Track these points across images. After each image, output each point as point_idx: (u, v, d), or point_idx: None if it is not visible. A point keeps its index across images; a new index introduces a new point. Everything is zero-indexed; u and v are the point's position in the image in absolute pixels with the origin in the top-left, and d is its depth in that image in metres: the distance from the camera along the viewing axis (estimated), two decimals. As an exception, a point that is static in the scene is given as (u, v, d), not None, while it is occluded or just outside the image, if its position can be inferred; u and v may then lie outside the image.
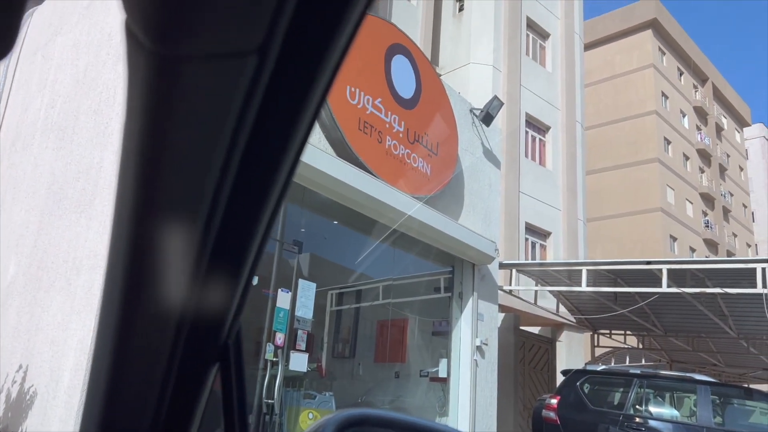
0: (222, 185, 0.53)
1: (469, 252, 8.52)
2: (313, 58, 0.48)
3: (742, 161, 44.77)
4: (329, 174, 6.18)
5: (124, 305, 0.62)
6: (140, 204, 0.55)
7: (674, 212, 31.24)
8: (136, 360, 0.67)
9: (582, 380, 9.28)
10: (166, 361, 0.65)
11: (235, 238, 0.59)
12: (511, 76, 17.28)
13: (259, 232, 0.59)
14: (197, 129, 0.50)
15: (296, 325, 6.48)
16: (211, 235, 0.57)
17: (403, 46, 7.93)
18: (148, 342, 0.65)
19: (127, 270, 0.60)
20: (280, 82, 0.48)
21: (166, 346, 0.64)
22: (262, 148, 0.53)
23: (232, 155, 0.52)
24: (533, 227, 16.87)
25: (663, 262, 10.63)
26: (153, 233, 0.57)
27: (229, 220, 0.57)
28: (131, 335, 0.65)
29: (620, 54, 33.60)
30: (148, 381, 0.67)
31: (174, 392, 0.67)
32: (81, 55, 6.34)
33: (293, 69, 0.48)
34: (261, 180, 0.55)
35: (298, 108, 0.51)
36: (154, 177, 0.53)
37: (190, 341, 0.65)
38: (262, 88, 0.48)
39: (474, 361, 8.54)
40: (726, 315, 12.50)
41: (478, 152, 9.30)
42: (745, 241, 41.08)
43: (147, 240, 0.57)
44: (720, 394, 8.83)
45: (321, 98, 0.51)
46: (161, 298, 0.62)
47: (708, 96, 38.44)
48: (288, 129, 0.52)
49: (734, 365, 17.99)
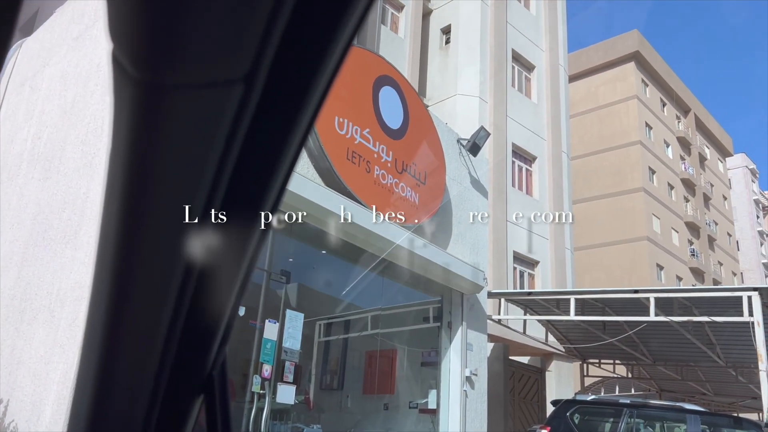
0: (207, 215, 0.53)
1: (457, 281, 8.50)
2: (300, 87, 0.48)
3: (726, 190, 45.36)
4: (317, 203, 6.18)
5: (107, 335, 0.62)
6: (125, 233, 0.55)
7: (660, 241, 31.47)
8: (119, 391, 0.66)
9: (572, 410, 9.21)
10: (149, 392, 0.64)
11: (221, 268, 0.59)
12: (498, 107, 17.51)
13: (245, 262, 0.59)
14: (184, 158, 0.50)
15: (284, 357, 6.40)
16: (196, 264, 0.56)
17: (390, 78, 8.03)
18: (131, 373, 0.64)
19: (111, 299, 0.59)
20: (267, 110, 0.49)
21: (149, 377, 0.64)
22: (248, 176, 0.53)
23: (217, 184, 0.51)
24: (521, 256, 16.91)
25: (650, 291, 10.67)
26: (138, 262, 0.56)
27: (215, 250, 0.56)
28: (114, 365, 0.64)
29: (604, 85, 34.20)
30: (131, 413, 0.66)
31: (158, 424, 0.66)
32: (69, 86, 6.35)
33: (280, 98, 0.48)
34: (247, 209, 0.55)
35: (285, 137, 0.51)
36: (140, 205, 0.53)
37: (174, 372, 0.64)
38: (249, 116, 0.48)
39: (464, 391, 8.46)
40: (714, 343, 12.52)
41: (465, 182, 9.36)
42: (731, 270, 41.36)
43: (132, 269, 0.57)
44: (710, 424, 8.79)
45: (308, 127, 0.51)
46: (145, 328, 0.61)
47: (691, 126, 39.09)
48: (275, 157, 0.52)
49: (723, 394, 17.95)
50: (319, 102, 0.50)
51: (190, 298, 0.59)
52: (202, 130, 0.49)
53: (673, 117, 37.42)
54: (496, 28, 18.34)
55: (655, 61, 35.46)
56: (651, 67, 34.79)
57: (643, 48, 34.22)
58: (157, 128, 0.48)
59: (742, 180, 51.00)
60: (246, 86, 0.46)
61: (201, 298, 0.60)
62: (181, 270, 0.56)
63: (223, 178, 0.51)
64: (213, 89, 0.46)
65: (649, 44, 35.38)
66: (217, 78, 0.45)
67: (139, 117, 0.48)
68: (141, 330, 0.61)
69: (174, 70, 0.45)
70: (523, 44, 19.50)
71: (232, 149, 0.50)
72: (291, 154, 0.52)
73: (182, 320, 0.61)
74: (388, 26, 17.00)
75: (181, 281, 0.57)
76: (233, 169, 0.51)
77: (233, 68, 0.45)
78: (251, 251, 0.59)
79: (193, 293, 0.59)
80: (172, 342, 0.62)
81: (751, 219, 50.81)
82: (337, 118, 6.96)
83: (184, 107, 0.47)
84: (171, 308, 0.59)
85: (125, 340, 0.62)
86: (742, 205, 50.18)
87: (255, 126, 0.49)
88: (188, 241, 0.54)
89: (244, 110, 0.48)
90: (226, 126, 0.48)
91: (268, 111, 0.49)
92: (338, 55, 0.47)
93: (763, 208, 55.08)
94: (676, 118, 37.79)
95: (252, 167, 0.52)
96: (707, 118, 42.04)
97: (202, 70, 0.45)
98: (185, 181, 0.52)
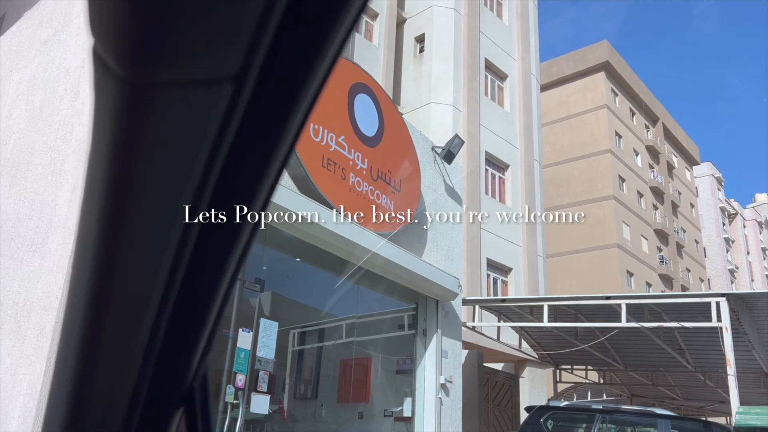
0: (191, 221, 0.51)
1: (432, 288, 8.52)
2: (292, 88, 0.46)
3: (693, 198, 46.38)
4: (293, 210, 6.14)
5: (83, 345, 0.59)
6: (104, 240, 0.52)
7: (630, 248, 32.00)
8: (94, 405, 0.63)
9: (545, 416, 9.28)
10: (126, 405, 0.62)
11: (204, 276, 0.57)
12: (471, 116, 17.66)
13: (228, 270, 0.57)
14: (169, 160, 0.48)
15: (257, 366, 6.32)
16: (178, 273, 0.54)
17: (365, 86, 8.04)
18: (107, 385, 0.62)
19: (88, 308, 0.56)
20: (257, 112, 0.46)
21: (126, 389, 0.61)
22: (235, 181, 0.50)
23: (203, 189, 0.49)
24: (495, 263, 17.03)
25: (622, 297, 10.82)
26: (117, 270, 0.54)
27: (198, 257, 0.54)
28: (89, 377, 0.61)
29: (575, 95, 34.77)
30: (108, 425, 0.63)
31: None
32: (37, 91, 6.22)
33: (271, 99, 0.46)
34: (232, 216, 0.53)
35: (275, 140, 0.49)
36: (120, 211, 0.50)
37: (153, 384, 0.61)
38: (238, 117, 0.46)
39: (438, 399, 8.45)
40: (683, 349, 12.74)
41: (440, 189, 9.40)
42: (698, 276, 42.25)
43: (111, 277, 0.54)
44: (680, 428, 8.94)
45: (298, 129, 0.49)
46: (124, 338, 0.59)
47: (659, 135, 39.93)
48: (263, 163, 0.50)
49: (692, 398, 18.27)
50: (310, 105, 0.48)
51: (171, 307, 0.57)
52: (188, 131, 0.46)
53: (642, 126, 38.19)
54: (470, 37, 18.53)
55: (625, 71, 36.19)
56: (620, 76, 35.49)
57: (612, 58, 34.90)
58: (141, 128, 0.46)
59: (709, 188, 52.27)
60: (236, 86, 0.44)
61: (183, 307, 0.58)
62: (163, 277, 0.54)
63: (209, 183, 0.49)
64: (201, 88, 0.44)
65: (618, 54, 36.09)
66: (205, 76, 0.43)
67: (122, 116, 0.45)
68: (119, 340, 0.59)
69: (160, 68, 0.42)
70: (496, 54, 19.72)
71: (219, 152, 0.48)
72: (280, 159, 0.51)
73: (163, 330, 0.58)
74: (362, 34, 17.05)
75: (163, 289, 0.55)
76: (220, 174, 0.49)
77: (223, 67, 0.43)
78: (236, 259, 0.57)
79: (174, 302, 0.57)
80: (151, 353, 0.60)
81: (718, 226, 52.05)
82: (312, 125, 6.93)
83: (171, 107, 0.45)
84: (152, 317, 0.57)
85: (102, 350, 0.60)
86: (709, 212, 51.40)
87: (244, 128, 0.47)
88: (171, 247, 0.52)
89: (234, 111, 0.45)
90: (214, 127, 0.46)
91: (259, 113, 0.47)
92: (331, 57, 0.45)
93: (728, 215, 56.47)
94: (645, 127, 38.58)
95: (239, 172, 0.50)
96: (675, 128, 43.01)
97: (190, 67, 0.42)
98: (170, 185, 0.49)
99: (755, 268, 58.21)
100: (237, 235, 0.54)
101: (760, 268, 58.63)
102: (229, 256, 0.56)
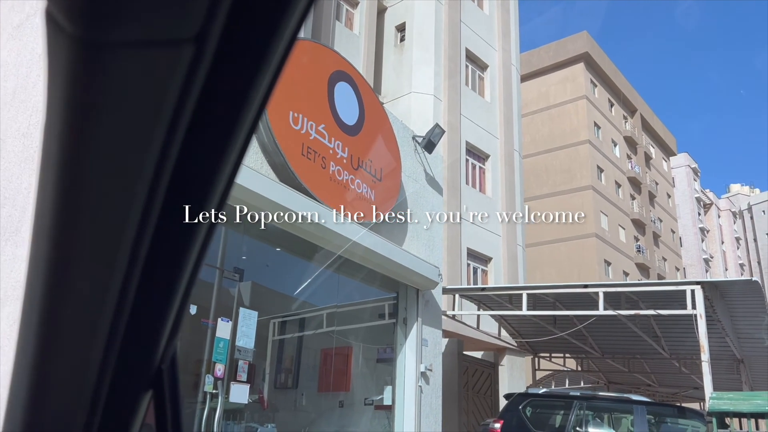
0: (154, 192, 0.48)
1: (413, 277, 8.54)
2: (256, 50, 0.43)
3: (670, 188, 47.01)
4: (271, 199, 6.09)
5: (44, 331, 0.57)
6: (62, 213, 0.49)
7: (608, 238, 32.38)
8: (58, 390, 0.60)
9: (524, 404, 9.39)
10: (92, 387, 0.60)
11: (168, 253, 0.55)
12: (452, 106, 17.66)
13: (194, 247, 0.55)
14: (126, 127, 0.45)
15: (237, 356, 6.29)
16: (141, 250, 0.52)
17: (346, 74, 7.98)
18: (70, 370, 0.59)
19: (47, 292, 0.54)
20: (220, 77, 0.44)
21: (92, 371, 0.59)
22: (198, 152, 0.48)
23: (165, 158, 0.46)
24: (475, 253, 17.12)
25: (599, 286, 10.95)
26: (76, 246, 0.51)
27: (161, 232, 0.52)
28: (52, 363, 0.59)
29: (554, 85, 34.94)
30: (71, 413, 0.61)
31: (102, 422, 0.62)
32: (9, 76, 6.07)
33: (234, 62, 0.44)
34: (197, 187, 0.50)
35: (239, 107, 0.46)
36: (78, 181, 0.47)
37: (119, 366, 0.60)
38: (200, 82, 0.43)
39: (419, 387, 8.50)
40: (659, 336, 12.95)
41: (421, 179, 9.40)
42: (674, 265, 42.93)
43: (69, 253, 0.52)
44: (655, 414, 9.11)
45: (264, 98, 0.47)
46: (85, 323, 0.57)
47: (637, 126, 40.34)
48: (228, 130, 0.47)
49: (667, 385, 18.60)
50: (276, 69, 0.46)
51: (135, 289, 0.55)
52: (147, 96, 0.43)
53: (621, 117, 38.54)
54: (450, 26, 18.49)
55: (604, 62, 36.44)
56: (600, 68, 35.73)
57: (592, 49, 35.10)
58: (96, 92, 0.43)
59: (685, 179, 53.00)
60: (196, 48, 0.41)
61: (147, 290, 0.56)
62: (124, 257, 0.52)
63: (171, 151, 0.47)
64: (158, 49, 0.41)
65: (598, 46, 36.31)
66: (162, 36, 0.40)
67: (76, 79, 0.42)
68: (81, 323, 0.57)
69: (115, 26, 0.40)
70: (477, 43, 19.72)
71: (181, 119, 0.45)
72: (245, 129, 0.48)
73: (126, 314, 0.56)
74: (342, 23, 16.93)
75: (125, 271, 0.53)
76: (182, 142, 0.47)
77: (181, 27, 0.40)
78: (201, 237, 0.55)
79: (137, 285, 0.55)
80: (115, 336, 0.58)
81: (693, 216, 52.87)
82: (292, 113, 6.88)
83: (126, 68, 0.42)
84: (113, 301, 0.55)
85: (63, 336, 0.57)
86: (685, 202, 52.17)
87: (206, 94, 0.44)
88: (132, 221, 0.50)
89: (194, 74, 0.43)
90: (174, 92, 0.43)
91: (221, 77, 0.44)
92: (297, 19, 0.43)
93: (704, 205, 57.38)
94: (623, 118, 38.94)
95: (203, 140, 0.48)
96: (652, 119, 43.48)
97: (147, 26, 0.40)
98: (129, 154, 0.46)
99: (729, 257, 59.32)
100: (203, 208, 0.52)
101: (733, 257, 59.76)
102: (196, 230, 0.54)
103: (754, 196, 67.33)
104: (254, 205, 5.97)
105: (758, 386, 15.30)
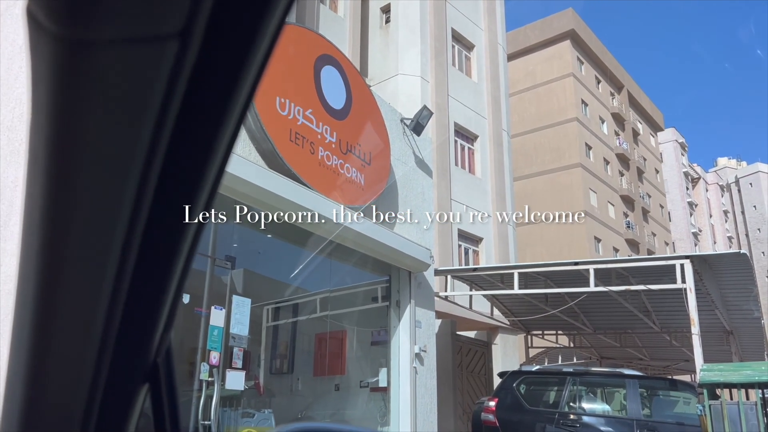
0: (145, 187, 0.48)
1: (405, 260, 8.57)
2: (242, 42, 0.43)
3: (658, 164, 47.25)
4: (261, 186, 6.07)
5: (38, 326, 0.57)
6: (52, 210, 0.49)
7: (598, 214, 32.57)
8: (54, 385, 0.61)
9: (518, 381, 9.49)
10: (88, 382, 0.60)
11: (160, 247, 0.55)
12: (439, 87, 17.59)
13: (186, 239, 0.55)
14: (113, 125, 0.45)
15: (232, 343, 6.32)
16: (133, 244, 0.52)
17: (332, 57, 7.93)
18: (66, 364, 0.60)
19: (40, 287, 0.54)
20: (205, 73, 0.44)
21: (87, 367, 0.59)
22: (187, 146, 0.48)
23: (154, 153, 0.46)
24: (466, 234, 17.18)
25: (590, 263, 11.03)
26: (67, 241, 0.51)
27: (153, 228, 0.52)
28: (47, 358, 0.59)
29: (541, 64, 34.86)
30: (69, 407, 0.61)
31: (100, 417, 0.62)
32: (-10, 68, 5.98)
33: (219, 57, 0.44)
34: (187, 182, 0.50)
35: (227, 99, 0.46)
36: (67, 179, 0.47)
37: (115, 361, 0.60)
38: (185, 77, 0.43)
39: (413, 368, 8.57)
40: (649, 311, 13.10)
41: (410, 162, 9.39)
42: (664, 240, 43.29)
43: (61, 249, 0.52)
44: (647, 387, 9.23)
45: (251, 90, 0.47)
46: (80, 317, 0.57)
47: (624, 103, 40.40)
48: (215, 125, 0.47)
49: (658, 358, 18.84)
50: (262, 63, 0.45)
51: (128, 284, 0.55)
52: (133, 93, 0.43)
53: (608, 94, 38.57)
54: (436, 7, 18.35)
55: (590, 39, 36.36)
56: (586, 45, 35.66)
57: (578, 26, 35.01)
58: (81, 90, 0.43)
59: (673, 153, 53.30)
60: (180, 44, 0.41)
61: (140, 284, 0.56)
62: (116, 252, 0.52)
63: (159, 147, 0.47)
64: (142, 46, 0.41)
65: (583, 22, 36.22)
66: (146, 33, 0.40)
67: (60, 78, 0.42)
68: (75, 319, 0.57)
69: (97, 24, 0.39)
70: (463, 23, 19.60)
71: (167, 116, 0.45)
72: (232, 124, 0.48)
73: (120, 307, 0.57)
74: (327, 5, 16.75)
75: (118, 265, 0.53)
76: (170, 138, 0.46)
77: (166, 22, 0.40)
78: (192, 229, 0.55)
79: (131, 278, 0.55)
80: (110, 330, 0.58)
81: (681, 191, 53.27)
82: (279, 98, 6.83)
83: (110, 67, 0.42)
84: (107, 295, 0.55)
85: (57, 332, 0.58)
86: (673, 177, 52.52)
87: (192, 88, 0.44)
88: (123, 217, 0.50)
89: (180, 69, 0.42)
90: (160, 89, 0.43)
91: (207, 73, 0.44)
92: (281, 12, 0.42)
93: (692, 180, 57.78)
94: (610, 95, 38.97)
95: (191, 135, 0.48)
96: (639, 94, 43.54)
97: (130, 23, 0.39)
98: (117, 151, 0.46)
99: (717, 230, 59.90)
100: (193, 202, 0.52)
101: (722, 231, 60.36)
102: (185, 226, 0.54)
103: (741, 169, 67.87)
104: (242, 192, 5.95)
105: (748, 357, 15.55)
